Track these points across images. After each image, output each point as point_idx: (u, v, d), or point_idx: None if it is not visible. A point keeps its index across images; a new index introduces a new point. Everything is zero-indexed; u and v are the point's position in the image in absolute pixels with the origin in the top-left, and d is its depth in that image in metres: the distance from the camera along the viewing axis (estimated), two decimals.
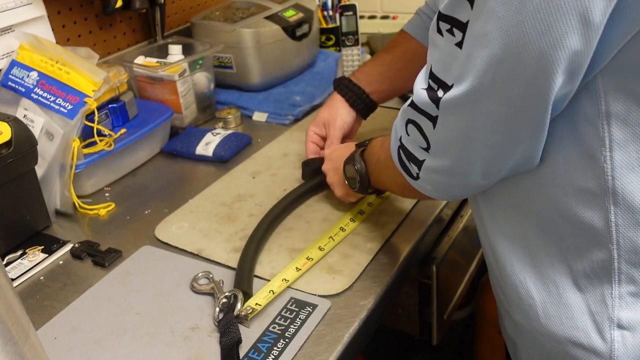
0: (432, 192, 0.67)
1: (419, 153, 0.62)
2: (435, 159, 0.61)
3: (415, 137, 0.61)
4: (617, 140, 0.53)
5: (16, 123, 0.89)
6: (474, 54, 0.51)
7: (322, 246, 0.84)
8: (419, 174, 0.64)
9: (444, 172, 0.61)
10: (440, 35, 0.54)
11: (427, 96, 0.57)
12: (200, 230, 0.92)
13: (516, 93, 0.51)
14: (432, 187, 0.65)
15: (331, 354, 0.68)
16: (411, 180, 0.66)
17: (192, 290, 0.79)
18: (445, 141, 0.58)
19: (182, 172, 1.12)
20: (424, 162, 0.62)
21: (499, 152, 0.57)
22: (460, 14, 0.51)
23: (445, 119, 0.56)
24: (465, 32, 0.51)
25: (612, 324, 0.58)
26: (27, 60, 1.03)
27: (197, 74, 1.25)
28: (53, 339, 0.74)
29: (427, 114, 0.58)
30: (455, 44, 0.52)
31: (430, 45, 0.58)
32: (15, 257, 0.90)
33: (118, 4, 1.22)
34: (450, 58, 0.54)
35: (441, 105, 0.55)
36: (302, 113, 1.28)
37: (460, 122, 0.56)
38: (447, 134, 0.58)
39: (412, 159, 0.64)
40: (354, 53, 1.38)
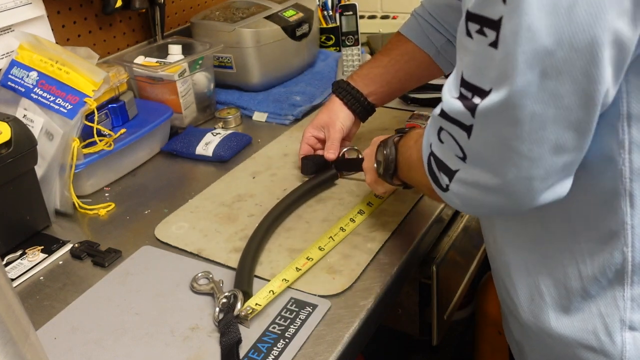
0: (460, 207, 0.62)
1: (452, 162, 0.57)
2: (471, 171, 0.55)
3: (451, 145, 0.56)
4: (636, 142, 0.52)
5: (16, 123, 0.89)
6: (515, 52, 0.46)
7: (322, 246, 0.84)
8: (449, 186, 0.58)
9: (478, 186, 0.55)
10: (470, 38, 0.50)
11: (462, 105, 0.52)
12: (200, 230, 0.91)
13: (566, 89, 0.47)
14: (462, 202, 0.59)
15: (331, 354, 0.68)
16: (439, 191, 0.61)
17: (191, 290, 0.79)
18: (482, 152, 0.53)
19: (182, 172, 1.12)
20: (457, 172, 0.57)
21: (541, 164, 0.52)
22: (490, 11, 0.47)
23: (482, 127, 0.51)
24: (499, 29, 0.47)
25: (623, 326, 0.58)
26: (26, 60, 1.03)
27: (197, 74, 1.25)
28: (53, 339, 0.74)
29: (460, 123, 0.53)
30: (489, 44, 0.48)
31: (459, 49, 0.54)
32: (15, 257, 0.90)
33: (118, 4, 1.22)
34: (484, 61, 0.49)
35: (478, 113, 0.51)
36: (302, 113, 1.28)
37: (501, 130, 0.50)
38: (485, 145, 0.52)
39: (443, 168, 0.58)
40: (354, 53, 1.38)
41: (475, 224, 1.09)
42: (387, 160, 0.80)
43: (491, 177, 0.53)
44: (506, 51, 0.47)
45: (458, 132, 0.54)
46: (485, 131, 0.51)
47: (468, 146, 0.54)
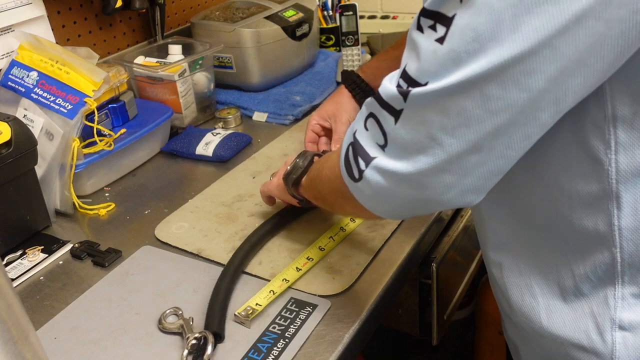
0: (368, 199, 0.60)
1: (372, 149, 0.57)
2: (388, 159, 0.55)
3: (374, 133, 0.56)
4: (622, 144, 0.52)
5: (16, 123, 0.89)
6: (459, 49, 0.48)
7: (322, 246, 0.84)
8: (364, 173, 0.57)
9: (392, 175, 0.55)
10: (420, 32, 0.51)
11: (397, 91, 0.53)
12: (200, 230, 0.92)
13: (498, 95, 0.48)
14: (372, 191, 0.58)
15: (331, 354, 0.68)
16: (350, 182, 0.60)
17: (159, 329, 0.73)
18: (404, 138, 0.53)
19: (182, 172, 1.12)
20: (375, 159, 0.56)
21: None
22: (446, 8, 0.48)
23: (411, 112, 0.52)
24: (449, 26, 0.48)
25: (613, 325, 0.58)
26: (26, 60, 1.03)
27: (197, 74, 1.25)
28: (53, 339, 0.74)
29: (390, 107, 0.54)
30: (435, 39, 0.49)
31: (408, 43, 0.54)
32: (15, 257, 0.90)
33: (118, 4, 1.23)
34: (427, 55, 0.50)
35: (410, 97, 0.51)
36: (302, 113, 1.28)
37: (428, 116, 0.51)
38: (409, 130, 0.53)
39: (362, 154, 0.57)
40: (354, 53, 1.38)
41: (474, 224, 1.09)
42: (296, 166, 0.80)
43: (406, 166, 0.54)
44: (450, 47, 0.48)
45: (386, 118, 0.54)
46: (413, 116, 0.52)
47: (393, 131, 0.54)
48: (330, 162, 0.70)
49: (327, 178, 0.70)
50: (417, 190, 0.55)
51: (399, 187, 0.55)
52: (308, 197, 0.80)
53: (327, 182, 0.70)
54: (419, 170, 0.53)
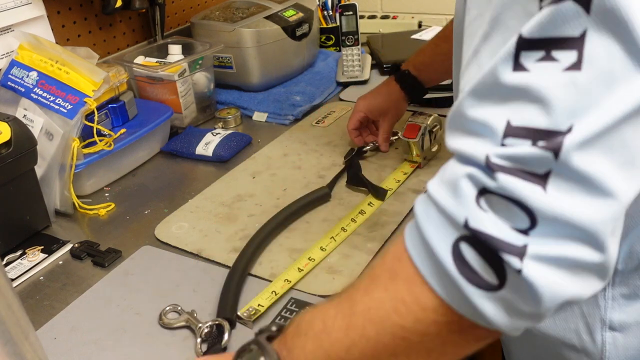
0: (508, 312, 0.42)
1: (512, 236, 0.40)
2: (547, 243, 0.40)
3: (506, 214, 0.40)
4: None
5: (16, 123, 0.89)
6: (613, 67, 0.38)
7: (323, 247, 0.84)
8: (522, 273, 0.39)
9: (563, 262, 0.40)
10: (524, 72, 0.40)
11: (537, 149, 0.39)
12: (200, 230, 0.91)
13: None
14: (523, 297, 0.40)
15: None
16: (477, 298, 0.41)
17: (161, 326, 0.73)
18: (562, 209, 0.39)
19: (182, 172, 1.12)
20: (528, 248, 0.40)
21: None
22: (566, 28, 0.39)
23: (566, 170, 0.39)
24: (582, 47, 0.38)
25: (604, 325, 0.58)
26: (26, 60, 1.03)
27: (197, 73, 1.25)
28: (53, 339, 0.73)
29: (530, 175, 0.39)
30: (564, 69, 0.39)
31: (491, 99, 0.42)
32: (15, 257, 0.90)
33: (118, 4, 1.22)
34: (555, 92, 0.39)
35: (564, 152, 0.38)
36: (302, 113, 1.28)
37: (592, 168, 0.39)
38: (569, 195, 0.39)
39: (501, 247, 0.40)
40: (354, 53, 1.38)
41: None
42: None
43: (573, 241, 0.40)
44: (598, 69, 0.38)
45: (526, 189, 0.39)
46: (570, 173, 0.39)
47: (543, 204, 0.39)
48: (378, 311, 0.46)
49: (389, 335, 0.45)
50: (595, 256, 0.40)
51: (568, 275, 0.40)
52: None
53: (390, 341, 0.46)
54: (597, 231, 0.39)
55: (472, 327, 0.43)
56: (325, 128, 1.21)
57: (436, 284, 0.43)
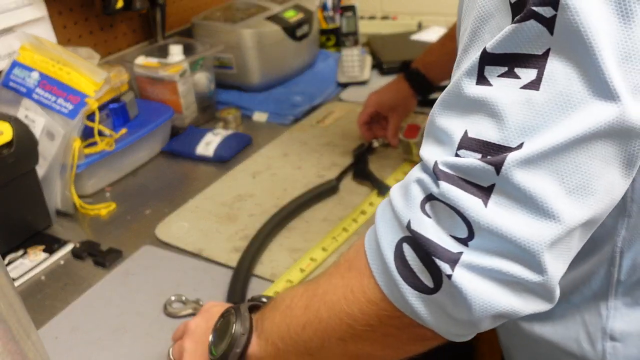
0: (441, 316, 0.43)
1: (450, 244, 0.41)
2: (482, 255, 0.40)
3: (448, 222, 0.41)
4: None
5: (17, 123, 0.89)
6: (570, 89, 0.37)
7: (325, 247, 0.84)
8: (450, 278, 0.40)
9: (492, 274, 0.40)
10: (485, 85, 0.40)
11: (480, 161, 0.39)
12: (201, 230, 0.92)
13: None
14: (455, 302, 0.41)
15: None
16: (414, 299, 0.43)
17: (166, 315, 0.75)
18: (505, 224, 0.39)
19: (182, 172, 1.12)
20: (462, 255, 0.40)
21: None
22: (530, 45, 0.38)
23: (509, 187, 0.39)
24: (543, 66, 0.38)
25: (605, 335, 0.57)
26: (28, 60, 1.03)
27: (197, 74, 1.25)
28: (54, 338, 0.74)
29: (474, 186, 0.40)
30: (522, 87, 0.39)
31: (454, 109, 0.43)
32: (17, 256, 0.90)
33: (119, 5, 1.23)
34: (512, 109, 0.39)
35: (506, 167, 0.38)
36: (302, 113, 1.28)
37: (537, 187, 0.38)
38: (509, 212, 0.39)
39: (437, 252, 0.41)
40: (354, 53, 1.38)
41: None
42: (236, 334, 0.56)
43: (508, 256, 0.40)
44: (555, 90, 0.38)
45: (467, 201, 0.40)
46: (513, 190, 0.39)
47: (483, 217, 0.39)
48: (331, 296, 0.49)
49: (336, 320, 0.48)
50: (531, 275, 0.40)
51: (500, 289, 0.40)
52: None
53: (337, 326, 0.48)
54: (533, 251, 0.39)
55: (413, 326, 0.45)
56: (325, 128, 1.21)
57: (380, 279, 0.45)
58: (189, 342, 0.62)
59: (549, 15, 0.37)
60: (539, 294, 0.41)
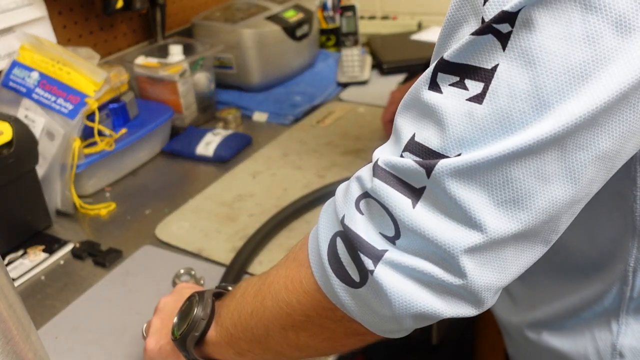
0: (366, 310, 0.44)
1: (377, 241, 0.42)
2: (404, 254, 0.41)
3: (377, 220, 0.42)
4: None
5: (17, 123, 0.89)
6: (511, 107, 0.37)
7: None
8: (372, 273, 0.41)
9: (413, 274, 0.41)
10: (436, 92, 0.41)
11: (414, 163, 0.40)
12: (201, 230, 0.92)
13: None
14: (378, 298, 0.42)
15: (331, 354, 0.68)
16: (342, 291, 0.44)
17: (174, 287, 0.79)
18: (429, 228, 0.40)
19: (182, 172, 1.12)
20: (386, 253, 0.41)
21: None
22: (482, 58, 0.39)
23: (438, 192, 0.39)
24: (490, 81, 0.38)
25: (614, 352, 0.57)
26: (28, 60, 1.03)
27: (197, 74, 1.25)
28: (54, 338, 0.74)
29: (406, 186, 0.41)
30: (467, 98, 0.39)
31: (406, 109, 0.43)
32: (17, 256, 0.90)
33: (119, 5, 1.23)
34: (454, 119, 0.39)
35: (437, 171, 0.39)
36: (302, 113, 1.28)
37: (465, 196, 0.39)
38: (435, 216, 0.40)
39: (364, 249, 0.42)
40: (354, 53, 1.38)
41: None
42: (196, 318, 0.57)
43: (429, 261, 0.41)
44: (496, 106, 0.38)
45: (397, 200, 0.41)
46: (442, 195, 0.39)
47: (410, 218, 0.40)
48: (275, 285, 0.51)
49: (277, 309, 0.50)
50: (451, 278, 0.41)
51: (421, 288, 0.41)
52: (226, 356, 0.58)
53: (278, 314, 0.50)
54: (454, 255, 0.40)
55: (346, 320, 0.46)
56: (325, 128, 1.21)
57: (316, 271, 0.46)
58: (156, 320, 0.65)
59: (505, 31, 0.37)
60: (463, 297, 0.41)
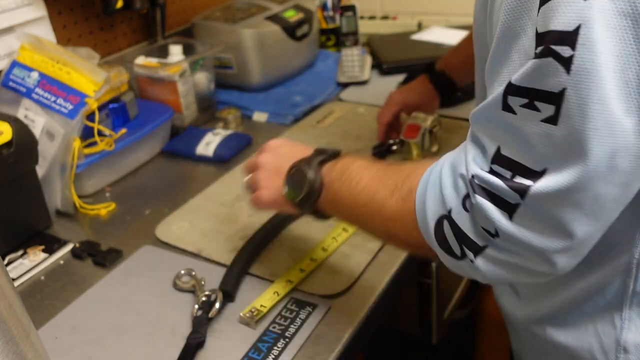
0: (483, 279, 0.53)
1: (479, 238, 0.49)
2: (502, 253, 0.49)
3: (482, 221, 0.48)
4: None
5: (17, 123, 0.89)
6: (584, 128, 0.41)
7: (325, 247, 0.84)
8: (473, 263, 0.50)
9: (508, 266, 0.49)
10: (511, 113, 0.45)
11: (505, 185, 0.46)
12: (201, 230, 0.92)
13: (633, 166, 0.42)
14: (487, 273, 0.51)
15: (331, 354, 0.68)
16: (451, 259, 0.53)
17: (174, 287, 0.80)
18: (525, 236, 0.46)
19: (182, 172, 1.12)
20: (486, 249, 0.49)
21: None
22: (548, 83, 0.42)
23: (532, 209, 0.45)
24: (560, 103, 0.41)
25: (618, 347, 0.57)
26: (28, 60, 1.03)
27: (197, 74, 1.25)
28: (54, 338, 0.74)
29: (502, 201, 0.46)
30: (542, 120, 0.43)
31: (486, 121, 0.48)
32: (16, 256, 0.90)
33: (119, 5, 1.23)
34: (535, 139, 0.43)
35: (531, 196, 0.44)
36: (302, 113, 1.28)
37: (557, 211, 0.44)
38: (530, 228, 0.46)
39: (466, 242, 0.50)
40: (354, 53, 1.38)
41: None
42: (312, 187, 0.65)
43: (526, 257, 0.48)
44: (571, 127, 0.41)
45: (495, 212, 0.47)
46: (535, 214, 0.45)
47: (507, 227, 0.47)
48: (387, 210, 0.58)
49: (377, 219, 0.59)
50: (536, 271, 0.49)
51: (516, 272, 0.50)
52: (333, 213, 0.67)
53: (376, 221, 0.60)
54: (545, 256, 0.47)
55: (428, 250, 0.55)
56: (325, 128, 1.21)
57: (423, 229, 0.54)
58: (263, 175, 0.72)
59: (567, 55, 0.40)
60: (546, 275, 0.50)
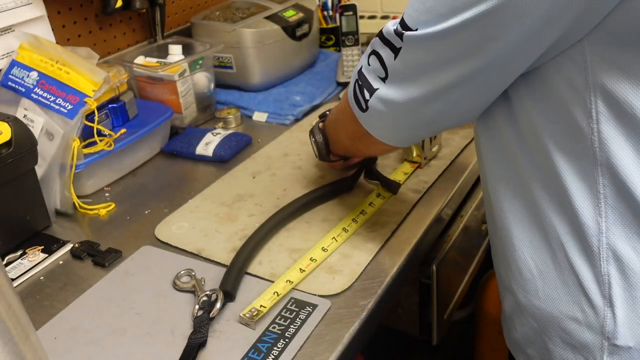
0: (374, 127, 0.71)
1: (375, 81, 0.66)
2: (389, 90, 0.64)
3: (375, 67, 0.65)
4: (603, 114, 0.54)
5: (16, 123, 0.89)
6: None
7: (325, 247, 0.84)
8: (368, 102, 0.67)
9: (392, 105, 0.65)
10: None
11: (393, 31, 0.62)
12: (201, 230, 0.92)
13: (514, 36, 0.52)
14: (377, 121, 0.69)
15: (331, 354, 0.68)
16: (360, 113, 0.70)
17: (174, 287, 0.80)
18: (402, 73, 0.62)
19: (182, 172, 1.12)
20: (377, 90, 0.66)
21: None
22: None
23: (406, 51, 0.61)
24: None
25: (605, 299, 0.59)
26: (27, 60, 1.03)
27: (197, 74, 1.25)
28: (53, 338, 0.74)
29: (391, 44, 0.62)
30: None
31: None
32: (15, 257, 0.90)
33: (118, 4, 1.23)
34: (419, 4, 0.58)
35: (405, 38, 0.60)
36: (302, 113, 1.28)
37: (419, 56, 0.60)
38: (405, 66, 0.61)
39: (367, 86, 0.67)
40: (354, 53, 1.38)
41: (475, 224, 1.09)
42: (318, 145, 0.93)
43: (401, 95, 0.63)
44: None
45: (387, 53, 0.63)
46: (408, 54, 0.61)
47: (392, 66, 0.63)
48: (339, 111, 0.83)
49: (342, 124, 0.81)
50: (412, 116, 0.66)
51: (398, 113, 0.66)
52: (338, 151, 0.93)
53: (344, 127, 0.81)
54: (411, 98, 0.63)
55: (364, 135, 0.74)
56: None
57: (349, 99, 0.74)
58: None
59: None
60: None
